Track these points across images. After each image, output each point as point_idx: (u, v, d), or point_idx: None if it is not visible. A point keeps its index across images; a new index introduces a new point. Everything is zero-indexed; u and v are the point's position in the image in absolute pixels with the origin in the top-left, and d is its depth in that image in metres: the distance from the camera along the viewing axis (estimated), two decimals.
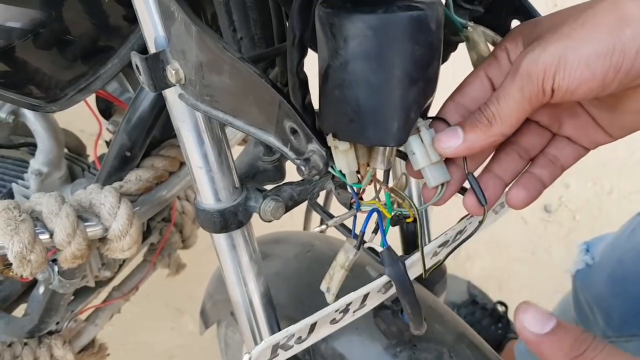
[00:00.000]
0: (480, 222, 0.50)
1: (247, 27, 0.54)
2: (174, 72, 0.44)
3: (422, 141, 0.44)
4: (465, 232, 0.54)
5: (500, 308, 1.40)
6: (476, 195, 0.45)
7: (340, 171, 0.43)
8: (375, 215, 0.48)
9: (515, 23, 0.51)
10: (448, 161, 0.46)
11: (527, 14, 0.50)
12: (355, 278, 0.51)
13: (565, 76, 0.38)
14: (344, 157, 0.43)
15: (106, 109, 0.86)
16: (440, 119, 0.46)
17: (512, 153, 0.47)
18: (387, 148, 0.43)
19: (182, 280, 1.15)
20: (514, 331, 1.35)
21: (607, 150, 1.96)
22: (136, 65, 0.44)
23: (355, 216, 0.49)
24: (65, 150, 0.87)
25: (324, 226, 0.50)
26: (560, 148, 0.47)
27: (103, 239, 0.59)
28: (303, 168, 0.39)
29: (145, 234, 0.93)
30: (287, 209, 0.54)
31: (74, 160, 0.86)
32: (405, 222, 0.85)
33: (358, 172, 0.45)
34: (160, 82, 0.45)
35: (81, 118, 0.99)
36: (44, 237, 0.55)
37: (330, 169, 0.43)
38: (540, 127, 0.48)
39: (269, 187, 0.55)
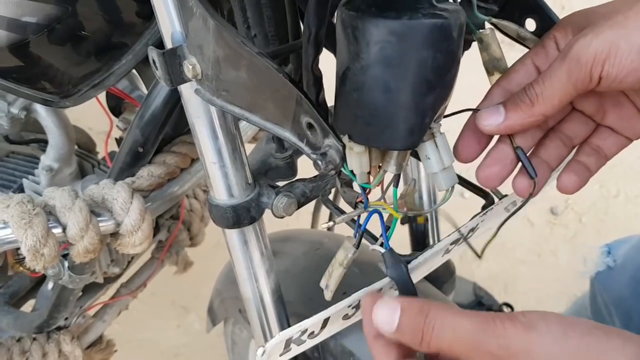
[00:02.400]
0: (529, 197, 0.47)
1: (261, 24, 0.54)
2: (190, 67, 0.44)
3: (436, 146, 0.45)
4: (477, 229, 0.54)
5: (506, 310, 1.40)
6: (526, 170, 0.45)
7: (352, 171, 0.44)
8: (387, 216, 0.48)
9: (529, 22, 0.51)
10: (500, 144, 0.46)
11: (542, 13, 0.50)
12: (368, 275, 0.51)
13: (615, 64, 0.38)
14: (358, 159, 0.43)
15: (116, 106, 0.86)
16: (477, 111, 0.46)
17: (556, 140, 0.48)
18: (401, 153, 0.44)
19: (188, 278, 1.15)
20: None
21: None
22: (153, 60, 0.44)
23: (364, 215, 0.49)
24: (76, 146, 0.87)
25: (331, 223, 0.51)
26: (603, 138, 0.48)
27: (115, 234, 0.60)
28: (320, 163, 0.39)
29: (154, 231, 0.93)
30: (300, 205, 0.54)
31: (84, 157, 0.87)
32: (415, 222, 0.85)
33: (369, 172, 0.45)
34: (176, 77, 0.45)
35: (89, 116, 1.00)
36: (57, 231, 0.56)
37: (342, 169, 0.43)
38: (584, 116, 0.48)
39: (280, 183, 0.56)
